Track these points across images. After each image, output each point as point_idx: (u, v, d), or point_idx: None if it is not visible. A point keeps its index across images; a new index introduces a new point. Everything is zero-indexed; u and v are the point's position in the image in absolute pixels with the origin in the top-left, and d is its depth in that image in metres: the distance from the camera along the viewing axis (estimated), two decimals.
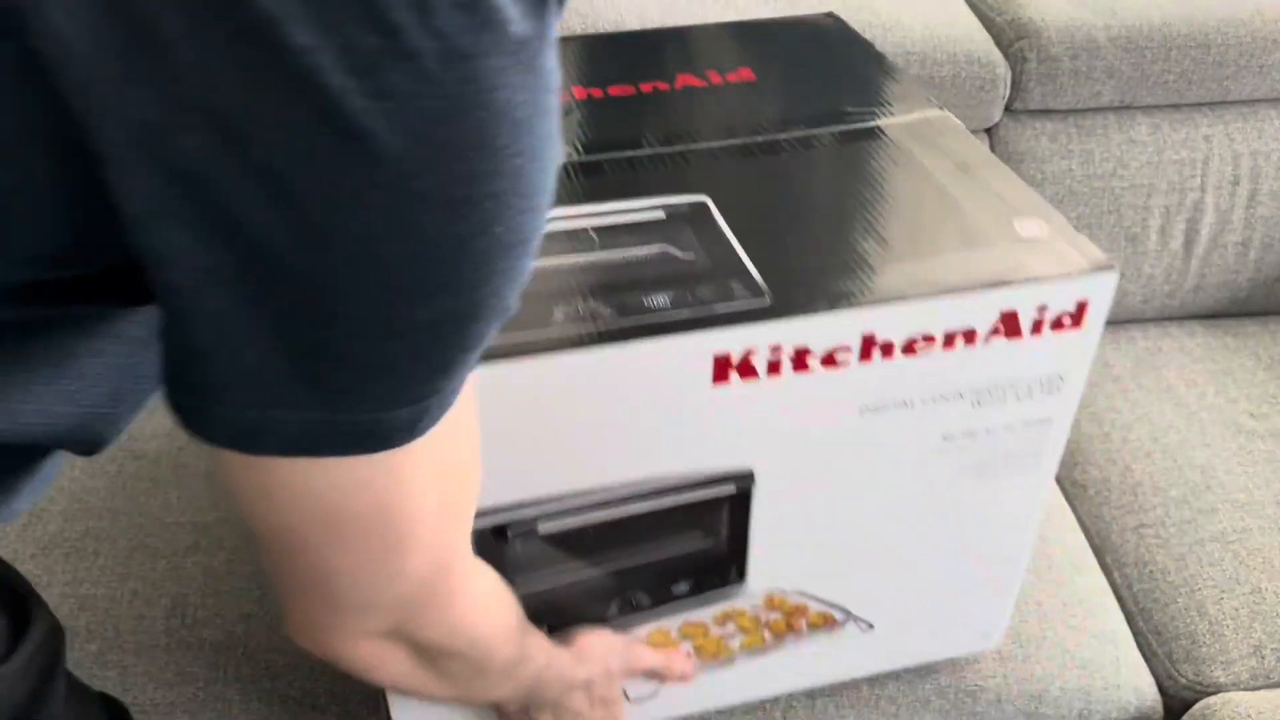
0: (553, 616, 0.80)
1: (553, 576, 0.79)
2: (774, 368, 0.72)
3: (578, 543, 0.78)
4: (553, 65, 0.38)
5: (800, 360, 0.72)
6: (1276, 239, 1.44)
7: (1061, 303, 0.73)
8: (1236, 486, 1.20)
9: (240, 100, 0.33)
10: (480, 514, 0.62)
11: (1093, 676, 1.03)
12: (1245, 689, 1.06)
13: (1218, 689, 1.06)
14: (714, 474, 0.78)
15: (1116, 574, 1.16)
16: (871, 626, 0.93)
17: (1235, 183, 1.41)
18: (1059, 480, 1.25)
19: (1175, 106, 1.39)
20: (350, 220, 0.35)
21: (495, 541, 0.74)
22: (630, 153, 0.85)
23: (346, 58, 0.33)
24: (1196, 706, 1.04)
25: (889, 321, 0.72)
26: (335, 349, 0.39)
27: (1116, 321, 1.46)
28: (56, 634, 0.61)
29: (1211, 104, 1.40)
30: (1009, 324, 0.73)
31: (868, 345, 0.72)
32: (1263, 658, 1.07)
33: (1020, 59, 1.32)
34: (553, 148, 0.39)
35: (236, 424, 0.41)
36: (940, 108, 0.91)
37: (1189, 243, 1.43)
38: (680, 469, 0.77)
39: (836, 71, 0.99)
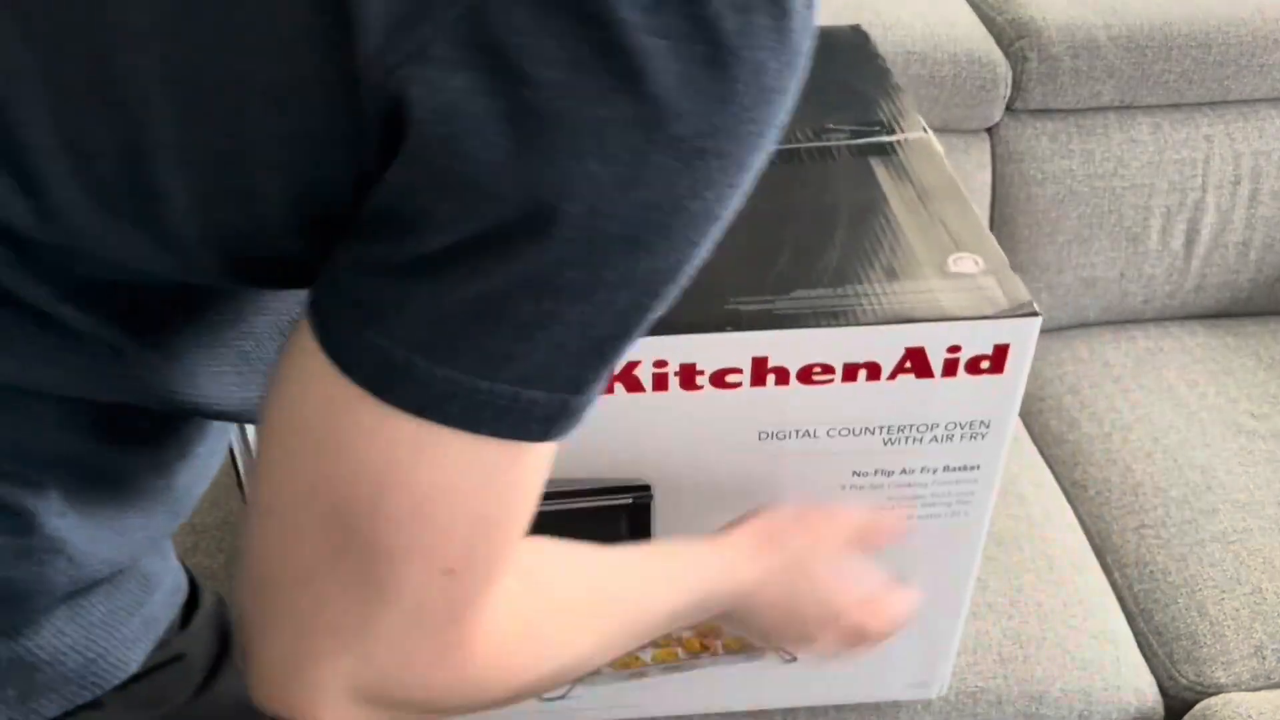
0: None
1: None
2: (660, 382, 0.70)
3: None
4: (808, 46, 0.38)
5: (688, 378, 0.71)
6: (1277, 239, 1.44)
7: (977, 345, 0.70)
8: (1237, 487, 1.20)
9: (525, 37, 0.33)
10: None
11: (1093, 677, 1.03)
12: (1246, 689, 1.06)
13: (1219, 689, 1.06)
14: (609, 483, 0.77)
15: (1117, 574, 1.16)
16: (794, 658, 0.91)
17: (1236, 182, 1.41)
18: (1059, 480, 1.25)
19: (1176, 106, 1.39)
20: (595, 164, 0.35)
21: None
22: None
23: None
24: (1197, 707, 1.04)
25: (780, 347, 0.70)
26: (520, 306, 0.37)
27: (1117, 321, 1.46)
28: (221, 601, 0.60)
29: (1212, 103, 1.40)
30: (917, 362, 0.71)
31: (759, 369, 0.70)
32: (1264, 658, 1.07)
33: (1021, 58, 1.32)
34: (776, 129, 0.39)
35: (381, 361, 0.38)
36: (925, 130, 0.89)
37: (1190, 242, 1.42)
38: (580, 475, 0.75)
39: (835, 86, 0.97)
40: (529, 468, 0.41)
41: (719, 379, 0.71)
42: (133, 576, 0.51)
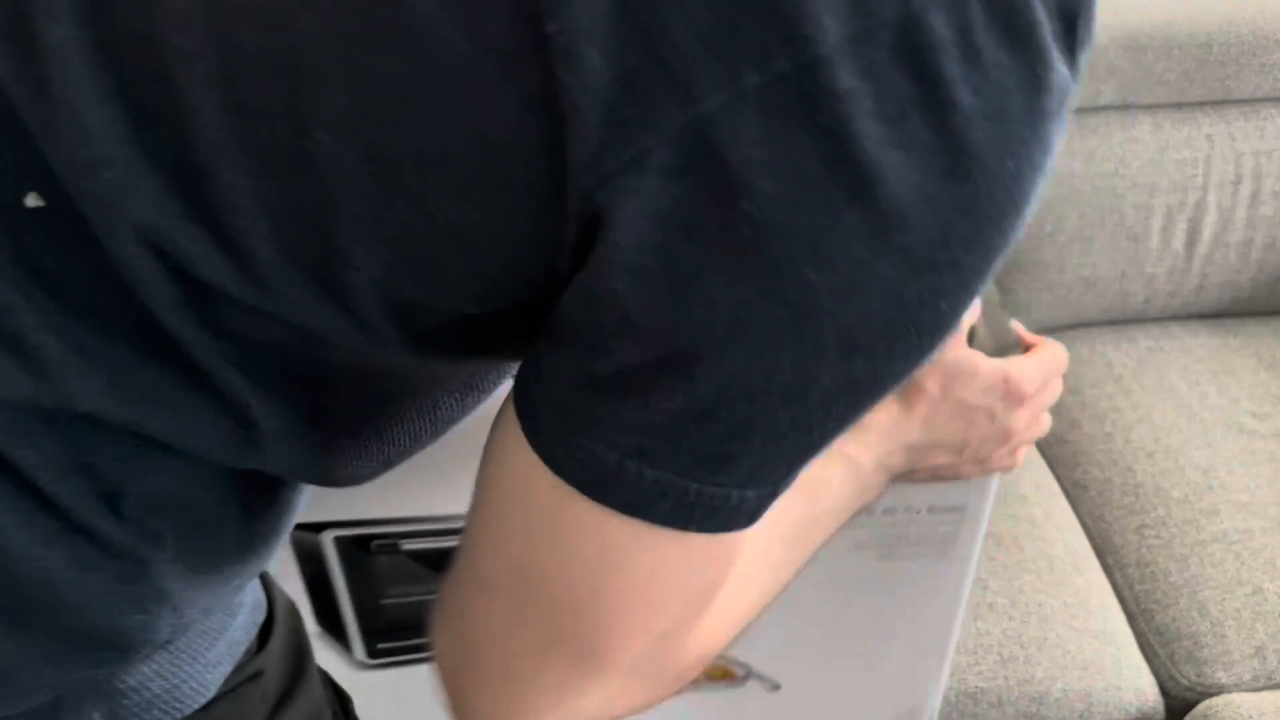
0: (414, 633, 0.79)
1: (427, 593, 0.79)
2: None
3: (448, 564, 0.77)
4: (1057, 135, 0.37)
5: None
6: (1279, 238, 1.44)
7: None
8: (1238, 487, 1.20)
9: (750, 148, 0.33)
10: (348, 524, 0.61)
11: (1094, 678, 1.03)
12: (1247, 690, 1.06)
13: (1220, 690, 1.06)
14: None
15: (1118, 575, 1.16)
16: (778, 687, 0.90)
17: (1237, 182, 1.41)
18: (1060, 481, 1.25)
19: (1177, 105, 1.38)
20: (813, 273, 0.34)
21: (359, 552, 0.73)
22: None
23: (881, 104, 0.32)
24: (1198, 708, 1.04)
25: None
26: (732, 410, 0.37)
27: (1118, 321, 1.46)
28: (294, 612, 0.60)
29: (1213, 103, 1.39)
30: None
31: None
32: (1265, 659, 1.06)
33: None
34: (1021, 227, 0.37)
35: (593, 465, 0.38)
36: None
37: (1191, 242, 1.42)
38: None
39: None
40: (736, 544, 0.42)
41: None
42: (220, 605, 0.52)
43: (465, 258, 0.38)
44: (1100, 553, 1.18)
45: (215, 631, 0.51)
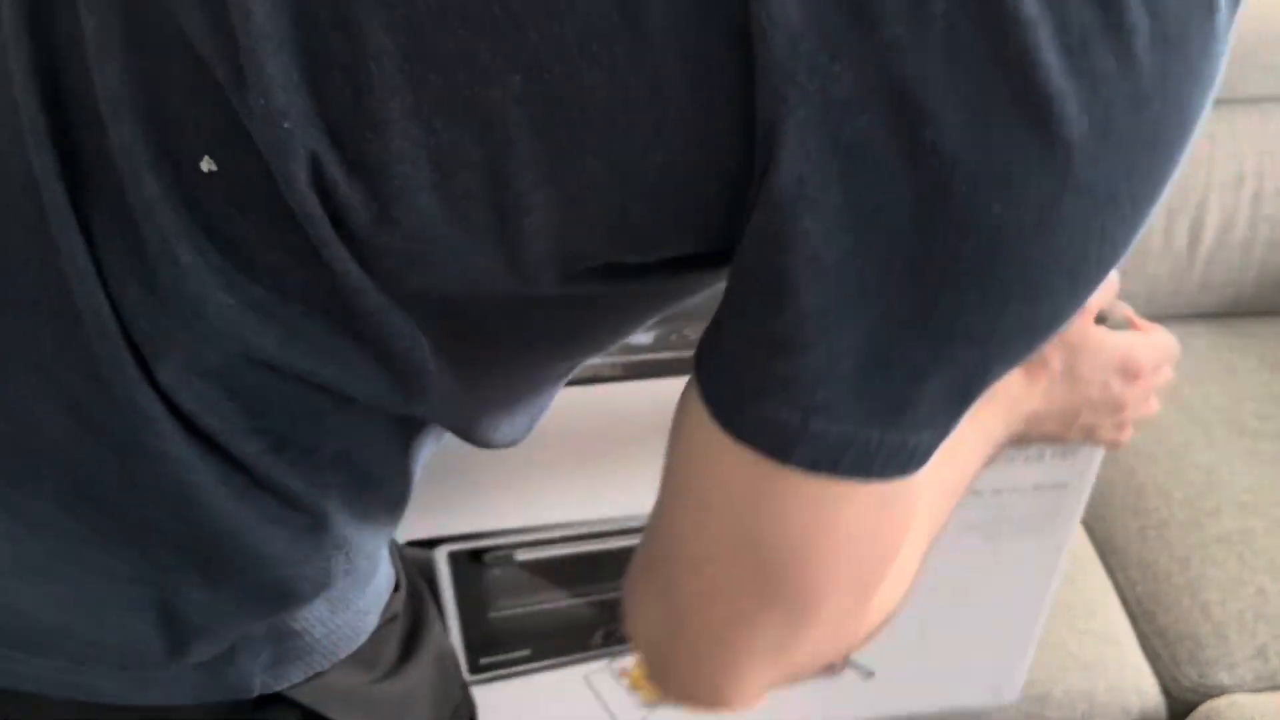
0: (537, 642, 0.80)
1: (534, 603, 0.79)
2: None
3: (558, 573, 0.77)
4: (1222, 60, 0.36)
5: None
6: None
7: None
8: (1241, 487, 1.20)
9: (934, 77, 0.32)
10: (461, 538, 0.61)
11: (1096, 678, 1.03)
12: (1249, 691, 1.05)
13: (1222, 691, 1.06)
14: None
15: (1120, 575, 1.16)
16: (872, 674, 0.92)
17: (1240, 181, 1.40)
18: None
19: None
20: (999, 208, 0.34)
21: (472, 565, 0.74)
22: None
23: (1062, 33, 0.32)
24: (1200, 709, 1.04)
25: None
26: (913, 353, 0.37)
27: None
28: (406, 558, 0.63)
29: (1216, 102, 1.39)
30: None
31: None
32: (1267, 659, 1.06)
33: None
34: (1177, 166, 0.37)
35: (776, 428, 0.38)
36: None
37: (1193, 242, 1.42)
38: (637, 513, 0.76)
39: None
40: (915, 489, 0.42)
41: None
42: (371, 576, 0.55)
43: (646, 201, 0.38)
44: (1102, 553, 1.18)
45: (363, 580, 0.53)
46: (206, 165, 0.39)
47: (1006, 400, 0.61)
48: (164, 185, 0.39)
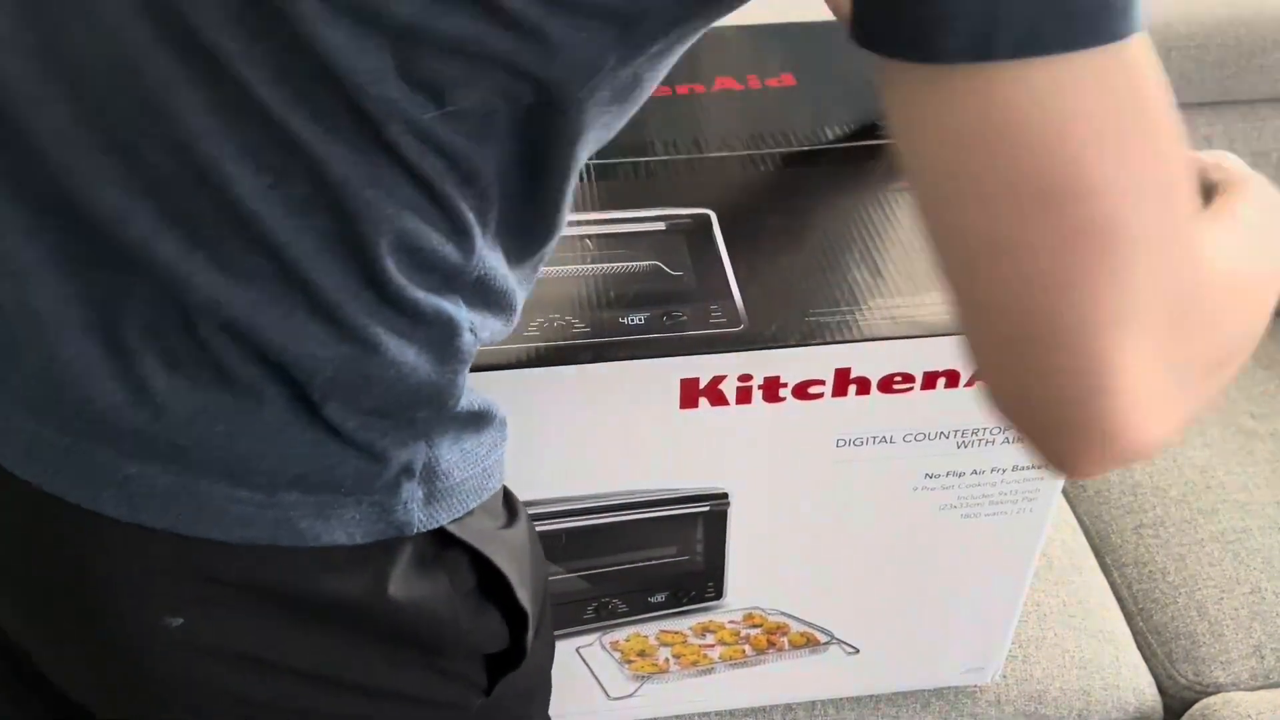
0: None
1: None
2: (744, 396, 0.71)
3: (549, 547, 0.78)
4: None
5: (772, 390, 0.71)
6: None
7: None
8: (1236, 486, 1.20)
9: None
10: None
11: (1092, 677, 1.03)
12: (1245, 689, 1.06)
13: (1218, 689, 1.06)
14: (688, 492, 0.77)
15: (1116, 574, 1.16)
16: (857, 650, 0.93)
17: None
18: None
19: (1174, 107, 1.39)
20: None
21: None
22: (647, 158, 0.84)
23: None
24: (1196, 707, 1.04)
25: (864, 358, 0.70)
26: None
27: None
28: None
29: (1211, 104, 1.40)
30: None
31: (842, 380, 0.71)
32: (1263, 658, 1.07)
33: None
34: None
35: (967, 21, 0.37)
36: None
37: None
38: (657, 485, 0.77)
39: (870, 85, 0.97)
40: (1142, 54, 0.41)
41: (801, 390, 0.72)
42: (491, 419, 0.58)
43: None
44: (1098, 552, 1.18)
45: (491, 444, 0.57)
46: None
47: (1231, 208, 0.60)
48: None
